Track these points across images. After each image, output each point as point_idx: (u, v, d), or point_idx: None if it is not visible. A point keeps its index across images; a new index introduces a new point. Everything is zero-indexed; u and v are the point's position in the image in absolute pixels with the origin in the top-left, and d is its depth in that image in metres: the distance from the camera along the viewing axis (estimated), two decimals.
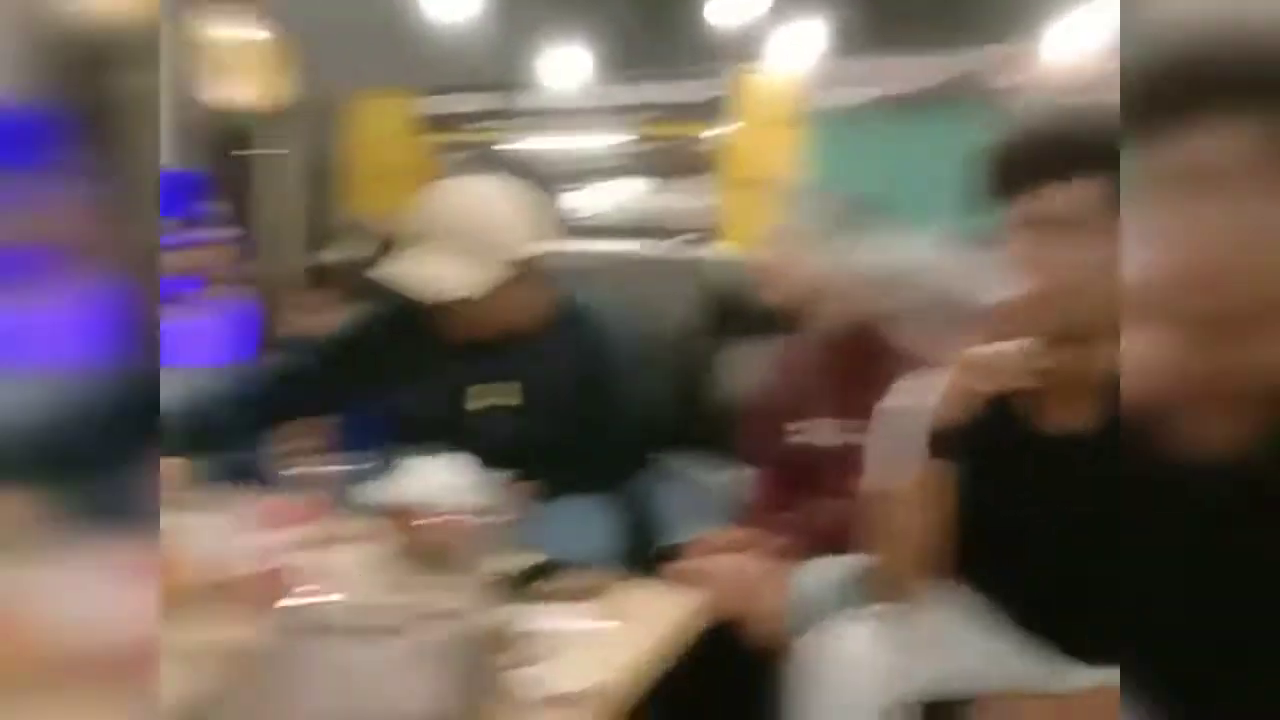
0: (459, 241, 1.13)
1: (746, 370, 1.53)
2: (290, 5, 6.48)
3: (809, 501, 1.25)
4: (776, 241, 1.28)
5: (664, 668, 0.90)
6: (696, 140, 6.79)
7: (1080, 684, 0.77)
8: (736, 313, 1.60)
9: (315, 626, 0.63)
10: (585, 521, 1.31)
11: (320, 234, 6.29)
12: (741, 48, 6.55)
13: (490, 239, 1.15)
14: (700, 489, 1.43)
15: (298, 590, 0.86)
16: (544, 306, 1.27)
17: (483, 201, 1.20)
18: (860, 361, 1.19)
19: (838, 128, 5.64)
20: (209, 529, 0.88)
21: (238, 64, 6.53)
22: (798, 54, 6.06)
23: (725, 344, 1.65)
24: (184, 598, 0.69)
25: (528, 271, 1.20)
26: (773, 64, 6.16)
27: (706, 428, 1.54)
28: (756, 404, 1.36)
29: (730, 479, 1.46)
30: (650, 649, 0.89)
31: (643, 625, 0.93)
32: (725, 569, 1.11)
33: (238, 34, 6.45)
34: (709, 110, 6.27)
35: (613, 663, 0.83)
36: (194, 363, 4.83)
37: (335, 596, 0.87)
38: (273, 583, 0.81)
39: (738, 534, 1.25)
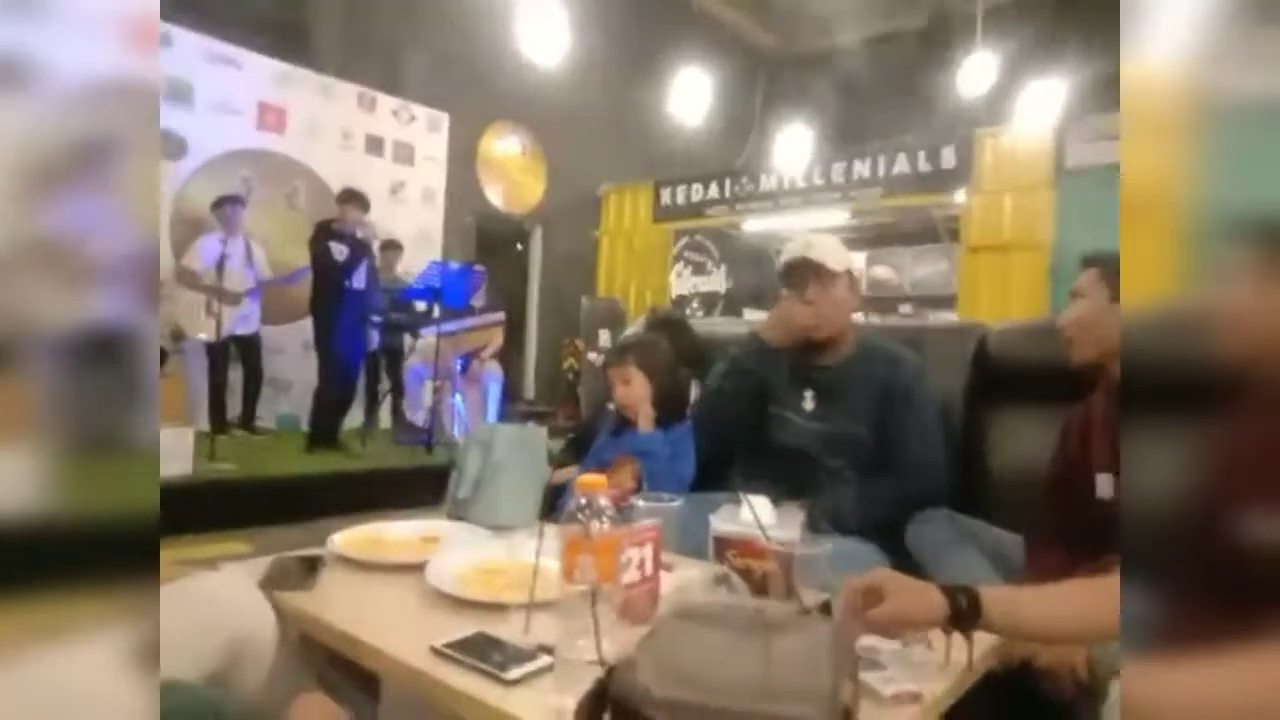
0: (821, 241, 1.72)
1: (1026, 435, 1.56)
2: (543, 121, 7.48)
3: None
4: (1080, 302, 1.35)
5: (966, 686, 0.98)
6: (932, 209, 6.67)
7: None
8: (1015, 377, 1.63)
9: (710, 616, 0.80)
10: (863, 559, 1.42)
11: (577, 314, 7.02)
12: (982, 113, 6.38)
13: (836, 246, 1.72)
14: (983, 545, 1.46)
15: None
16: (851, 334, 1.72)
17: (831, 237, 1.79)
18: None
19: (1086, 188, 5.28)
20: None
21: (504, 175, 7.62)
22: (1040, 115, 5.77)
23: (997, 409, 1.68)
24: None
25: (852, 284, 1.71)
26: (1015, 127, 5.90)
27: (980, 488, 1.57)
28: (1059, 466, 1.39)
29: (1006, 540, 1.48)
30: (958, 668, 0.97)
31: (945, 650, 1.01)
32: None
33: (503, 150, 7.56)
34: (946, 178, 6.14)
35: (931, 675, 0.92)
36: (467, 421, 5.56)
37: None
38: (652, 591, 1.01)
39: None
